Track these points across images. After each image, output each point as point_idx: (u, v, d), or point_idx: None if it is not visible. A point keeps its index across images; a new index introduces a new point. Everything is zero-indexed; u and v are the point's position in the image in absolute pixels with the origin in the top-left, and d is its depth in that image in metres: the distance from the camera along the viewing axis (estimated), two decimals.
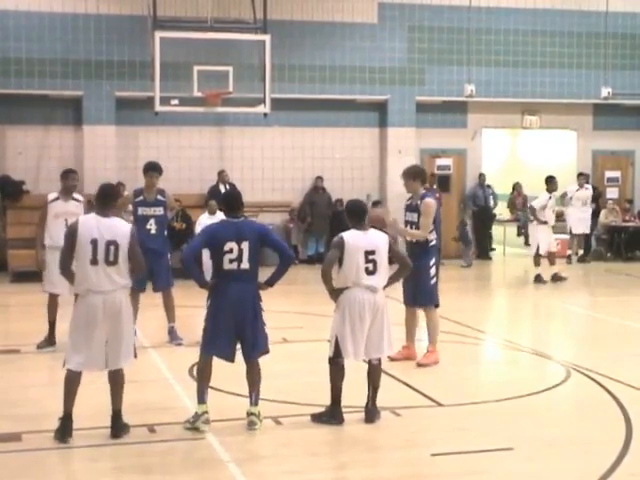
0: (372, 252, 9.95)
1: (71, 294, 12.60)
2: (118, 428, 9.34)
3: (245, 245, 9.56)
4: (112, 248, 9.17)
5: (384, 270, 10.09)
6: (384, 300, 10.11)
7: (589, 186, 25.34)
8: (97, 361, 9.25)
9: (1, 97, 23.79)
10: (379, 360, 10.17)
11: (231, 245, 9.52)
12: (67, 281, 9.77)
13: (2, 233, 23.37)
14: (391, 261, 10.26)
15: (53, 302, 13.95)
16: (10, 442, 9.29)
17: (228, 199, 10.14)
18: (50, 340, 13.81)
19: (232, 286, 9.55)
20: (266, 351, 9.89)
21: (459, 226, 25.83)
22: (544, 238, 21.85)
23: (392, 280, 10.42)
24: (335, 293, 9.97)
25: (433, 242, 12.84)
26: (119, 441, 9.22)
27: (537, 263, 21.88)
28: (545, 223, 21.81)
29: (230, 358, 9.68)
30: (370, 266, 9.92)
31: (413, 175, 12.97)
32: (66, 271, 9.46)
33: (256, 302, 9.78)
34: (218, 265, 9.58)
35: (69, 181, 13.99)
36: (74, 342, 9.29)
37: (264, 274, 9.88)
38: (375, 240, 10.09)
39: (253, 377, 9.78)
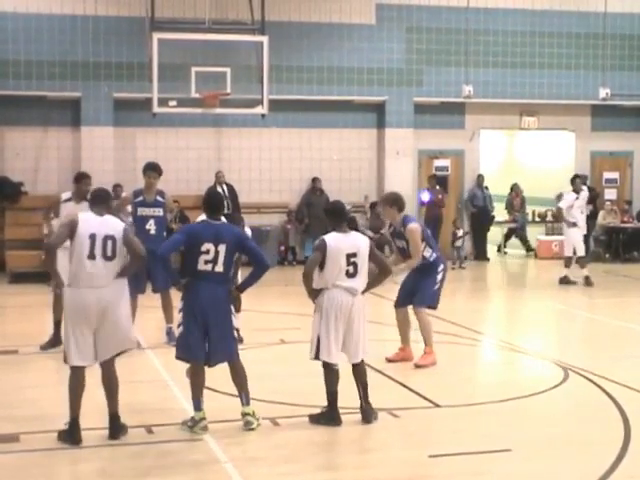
0: (353, 255, 9.91)
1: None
2: (116, 430, 9.34)
3: (222, 248, 9.55)
4: (109, 242, 9.27)
5: (364, 273, 10.05)
6: (363, 303, 10.09)
7: (585, 187, 24.91)
8: (88, 354, 9.29)
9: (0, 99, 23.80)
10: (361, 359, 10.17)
11: (208, 246, 9.51)
12: (47, 263, 9.69)
13: (1, 234, 23.37)
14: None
15: (58, 301, 13.90)
16: (8, 443, 9.29)
17: (210, 200, 10.13)
18: (55, 341, 13.74)
19: (204, 287, 9.53)
20: (232, 358, 9.79)
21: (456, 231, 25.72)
22: (579, 240, 21.68)
23: (371, 285, 10.29)
24: (314, 294, 9.97)
25: (433, 257, 12.84)
26: (117, 442, 9.22)
27: (568, 265, 21.69)
28: (574, 225, 21.66)
29: (202, 360, 9.65)
30: (351, 269, 9.89)
31: (390, 202, 12.95)
32: (52, 253, 9.43)
33: (227, 306, 9.74)
34: (192, 265, 9.56)
35: (82, 186, 13.82)
36: (68, 337, 9.36)
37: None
38: (357, 242, 10.02)
39: (238, 378, 9.77)
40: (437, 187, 25.64)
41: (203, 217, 15.28)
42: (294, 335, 14.85)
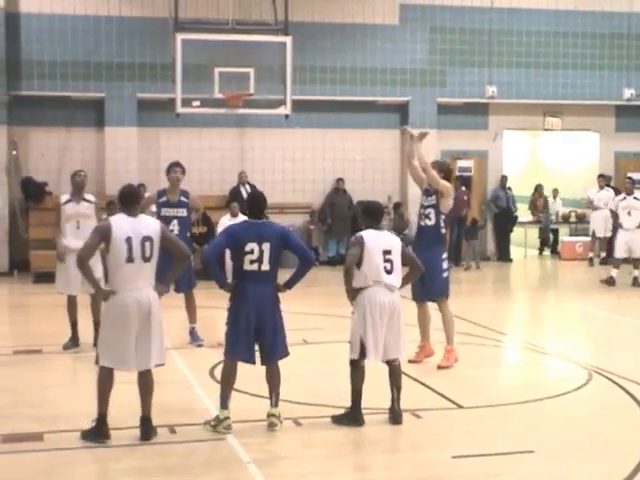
0: (389, 252, 9.97)
1: (83, 293, 12.71)
2: (148, 431, 9.35)
3: (266, 246, 9.54)
4: (147, 244, 9.23)
5: (399, 270, 10.11)
6: (400, 300, 10.12)
7: (609, 188, 25.10)
8: (126, 361, 9.24)
9: (24, 99, 23.89)
10: (398, 360, 10.15)
11: (252, 246, 9.50)
12: (83, 275, 9.65)
13: (24, 234, 23.47)
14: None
15: (72, 303, 13.99)
16: (32, 442, 9.32)
17: (253, 201, 10.11)
18: (74, 341, 13.84)
19: (252, 287, 9.54)
20: (286, 354, 9.88)
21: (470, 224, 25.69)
22: (637, 240, 21.64)
23: (404, 282, 10.41)
24: (353, 293, 9.97)
25: (442, 230, 12.81)
26: (140, 442, 9.24)
27: (617, 266, 21.61)
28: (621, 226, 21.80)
29: (251, 361, 9.68)
30: (388, 265, 9.95)
31: (439, 166, 13.22)
32: (85, 264, 9.32)
33: (276, 304, 9.77)
34: (238, 266, 9.57)
35: (75, 178, 14.11)
36: (106, 339, 9.32)
37: (282, 276, 9.88)
38: (390, 240, 10.11)
39: (273, 379, 9.78)
40: (463, 188, 25.56)
41: (226, 218, 15.34)
42: (317, 336, 14.88)
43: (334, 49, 25.58)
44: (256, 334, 9.60)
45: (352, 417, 9.82)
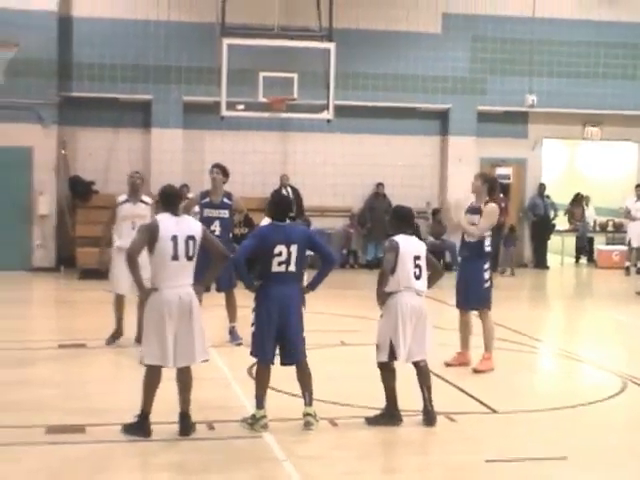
0: (418, 257, 9.99)
1: (133, 294, 12.70)
2: (187, 427, 9.39)
3: (294, 248, 9.58)
4: (191, 243, 9.30)
5: (425, 275, 10.11)
6: (426, 304, 10.13)
7: None
8: (169, 357, 9.27)
9: (74, 100, 24.05)
10: (425, 361, 10.14)
11: (281, 248, 9.53)
12: (131, 273, 9.64)
13: (72, 231, 23.62)
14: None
15: (119, 301, 14.05)
16: (75, 434, 9.39)
17: (279, 204, 10.10)
18: (118, 334, 13.96)
19: (278, 288, 9.56)
20: (304, 356, 9.85)
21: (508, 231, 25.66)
22: None
23: (429, 286, 10.38)
24: (384, 296, 9.96)
25: (488, 248, 12.80)
26: (178, 437, 9.27)
27: None
28: None
29: (271, 361, 9.70)
30: (417, 271, 9.96)
31: (486, 179, 13.19)
32: (133, 261, 9.34)
33: (300, 306, 9.80)
34: (266, 267, 9.57)
35: (130, 179, 14.21)
36: (148, 337, 9.37)
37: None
38: (419, 246, 10.12)
39: (304, 379, 9.80)
40: (501, 195, 25.46)
41: (268, 220, 15.25)
42: (354, 337, 14.86)
43: (377, 56, 25.56)
44: (278, 334, 9.61)
45: (389, 416, 9.82)
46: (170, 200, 9.53)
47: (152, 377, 9.34)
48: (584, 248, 28.33)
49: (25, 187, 23.49)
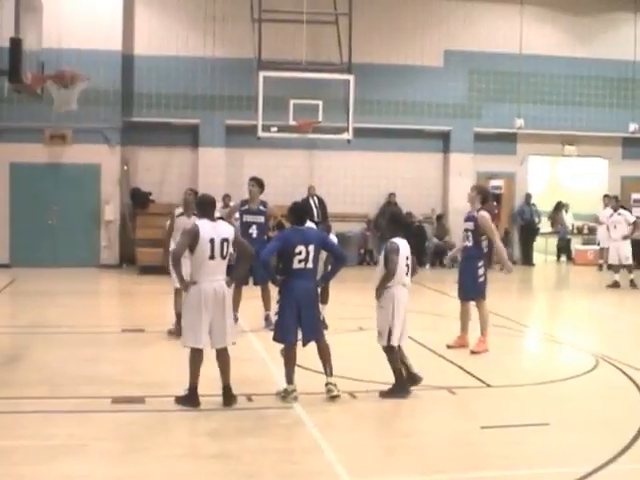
0: (408, 257, 9.96)
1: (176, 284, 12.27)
2: (229, 398, 9.41)
3: (311, 248, 9.60)
4: (225, 244, 9.34)
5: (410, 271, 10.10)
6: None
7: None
8: (204, 340, 9.31)
9: (134, 124, 24.16)
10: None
11: (300, 248, 9.55)
12: (174, 268, 9.79)
13: (132, 234, 23.71)
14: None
15: (179, 295, 13.71)
16: (135, 404, 9.45)
17: (296, 211, 10.02)
18: (179, 330, 13.50)
19: (298, 283, 9.58)
20: (322, 336, 9.87)
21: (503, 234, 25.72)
22: (623, 249, 21.44)
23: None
24: (382, 291, 9.90)
25: (485, 249, 12.80)
26: (222, 407, 9.30)
27: (616, 270, 21.36)
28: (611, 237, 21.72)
29: (294, 342, 9.71)
30: (407, 269, 9.95)
31: (479, 191, 13.14)
32: (177, 262, 9.46)
33: (316, 296, 9.88)
34: (289, 265, 9.59)
35: (184, 195, 13.88)
36: (187, 322, 9.40)
37: None
38: (408, 247, 10.02)
39: (323, 353, 9.81)
40: (494, 203, 25.43)
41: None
42: (371, 323, 14.81)
43: (389, 85, 25.56)
44: (299, 320, 9.63)
45: (400, 389, 9.79)
46: (207, 208, 9.56)
47: (195, 357, 9.38)
48: (564, 248, 28.23)
49: (94, 197, 23.62)
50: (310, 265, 9.64)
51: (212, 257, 9.26)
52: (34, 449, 7.83)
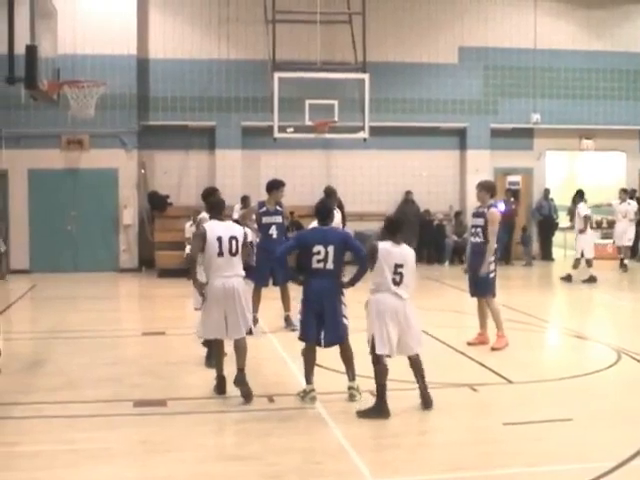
0: (401, 265, 9.21)
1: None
2: (240, 381, 9.55)
3: (331, 249, 9.50)
4: (234, 242, 9.62)
5: (408, 282, 9.27)
6: (410, 306, 9.37)
7: (631, 201, 24.15)
8: (220, 331, 9.70)
9: (151, 128, 24.22)
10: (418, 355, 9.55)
11: (319, 248, 9.49)
12: (190, 272, 10.06)
13: (151, 237, 23.76)
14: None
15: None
16: (157, 406, 9.48)
17: (320, 210, 10.04)
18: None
19: (317, 282, 9.50)
20: (343, 340, 9.69)
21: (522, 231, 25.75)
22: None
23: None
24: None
25: (494, 246, 12.70)
26: (244, 407, 9.32)
27: (575, 266, 21.50)
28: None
29: (314, 342, 9.65)
30: (397, 277, 9.18)
31: (484, 187, 12.99)
32: (193, 263, 9.91)
33: (338, 297, 9.62)
34: (307, 264, 9.55)
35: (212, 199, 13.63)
36: (202, 317, 9.81)
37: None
38: (406, 255, 9.31)
39: (346, 357, 9.76)
40: (512, 199, 25.39)
41: (315, 224, 15.23)
42: None
43: (404, 84, 25.54)
44: (319, 320, 9.55)
45: (378, 410, 9.13)
46: (215, 208, 9.98)
47: (216, 347, 9.97)
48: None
49: (112, 201, 23.70)
50: (330, 266, 9.53)
51: (220, 254, 9.57)
52: (57, 454, 7.87)
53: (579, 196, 21.92)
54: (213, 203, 10.08)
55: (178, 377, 10.92)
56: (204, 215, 13.39)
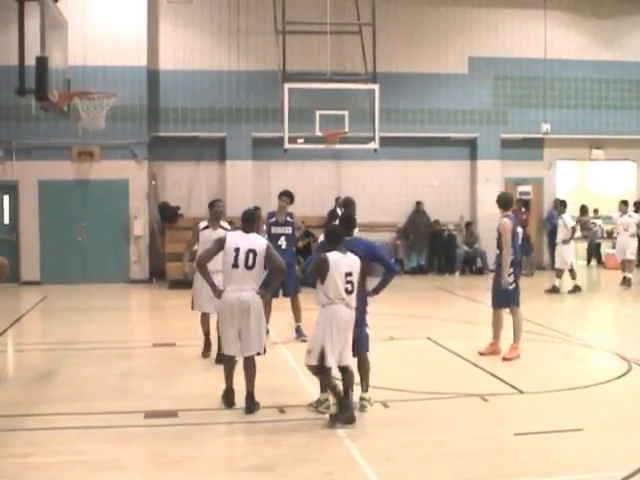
0: (350, 273, 9.10)
1: (215, 312, 11.96)
2: (250, 405, 9.48)
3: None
4: (251, 255, 9.46)
5: (356, 290, 9.23)
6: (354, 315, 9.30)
7: (634, 214, 22.92)
8: (234, 347, 9.60)
9: (161, 139, 24.31)
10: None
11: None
12: (202, 276, 9.89)
13: (161, 249, 23.80)
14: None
15: (205, 318, 13.19)
16: (168, 418, 9.46)
17: (346, 221, 10.00)
18: (207, 347, 13.13)
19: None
20: (366, 349, 9.70)
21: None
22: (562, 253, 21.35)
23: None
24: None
25: (512, 257, 12.70)
26: (255, 419, 9.30)
27: (559, 275, 21.37)
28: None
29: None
30: (349, 286, 9.10)
31: (497, 201, 13.08)
32: (203, 267, 9.74)
33: (363, 307, 9.60)
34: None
35: (215, 207, 13.29)
36: (220, 331, 9.80)
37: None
38: (352, 263, 9.19)
39: (363, 368, 9.75)
40: (522, 209, 25.38)
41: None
42: (401, 333, 14.83)
43: (414, 94, 25.59)
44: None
45: (344, 417, 9.05)
46: (245, 221, 9.79)
47: (227, 362, 9.85)
48: (594, 252, 28.06)
49: (123, 213, 23.76)
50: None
51: (235, 266, 9.46)
52: (69, 465, 7.87)
53: (563, 206, 21.75)
54: (244, 216, 9.81)
55: (189, 388, 10.93)
56: (204, 223, 13.38)
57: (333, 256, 9.08)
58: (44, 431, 9.01)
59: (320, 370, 9.15)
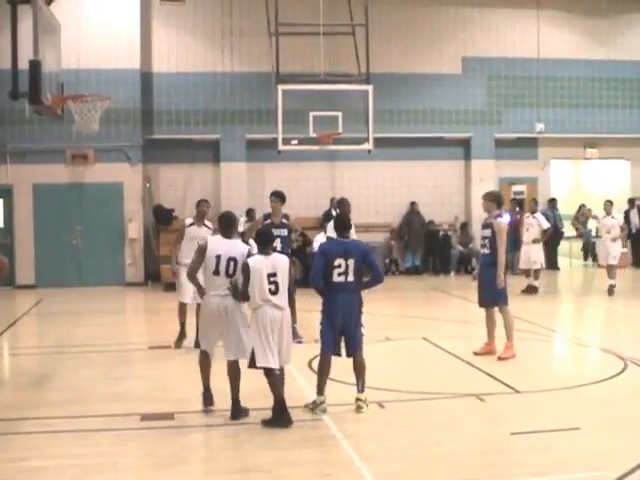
0: (274, 274, 9.20)
1: (194, 302, 12.83)
2: (234, 411, 9.42)
3: (351, 261, 9.51)
4: (232, 263, 9.41)
5: (284, 290, 9.32)
6: (288, 316, 9.48)
7: (616, 215, 21.63)
8: (213, 349, 9.73)
9: (156, 142, 24.29)
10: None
11: (340, 261, 9.48)
12: (193, 285, 10.18)
13: (156, 251, 23.78)
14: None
15: (183, 308, 14.23)
16: (164, 420, 9.47)
17: (340, 222, 10.06)
18: (181, 338, 14.20)
19: (339, 296, 9.51)
20: (360, 349, 9.75)
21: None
22: (533, 253, 20.90)
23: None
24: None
25: (502, 256, 12.68)
26: (252, 420, 9.29)
27: (527, 275, 21.13)
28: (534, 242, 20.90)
29: (337, 353, 9.69)
30: (272, 287, 9.18)
31: (490, 197, 13.03)
32: (192, 278, 9.88)
33: (358, 309, 9.70)
34: (328, 278, 9.53)
35: (200, 207, 14.19)
36: (201, 331, 9.85)
37: None
38: (277, 263, 9.30)
39: (358, 369, 9.75)
40: (517, 209, 25.37)
41: (321, 235, 15.15)
42: (397, 333, 14.84)
43: (408, 95, 25.61)
44: (341, 332, 9.60)
45: (279, 420, 9.12)
46: (223, 225, 9.75)
47: (203, 359, 9.83)
48: (590, 251, 28.09)
49: (118, 215, 23.74)
50: (351, 279, 9.53)
51: (216, 273, 9.43)
52: (65, 468, 7.86)
53: (536, 205, 21.67)
54: (222, 219, 9.78)
55: (185, 390, 10.90)
56: (189, 220, 13.95)
57: (253, 260, 9.19)
58: (40, 434, 8.99)
59: (267, 372, 9.20)
